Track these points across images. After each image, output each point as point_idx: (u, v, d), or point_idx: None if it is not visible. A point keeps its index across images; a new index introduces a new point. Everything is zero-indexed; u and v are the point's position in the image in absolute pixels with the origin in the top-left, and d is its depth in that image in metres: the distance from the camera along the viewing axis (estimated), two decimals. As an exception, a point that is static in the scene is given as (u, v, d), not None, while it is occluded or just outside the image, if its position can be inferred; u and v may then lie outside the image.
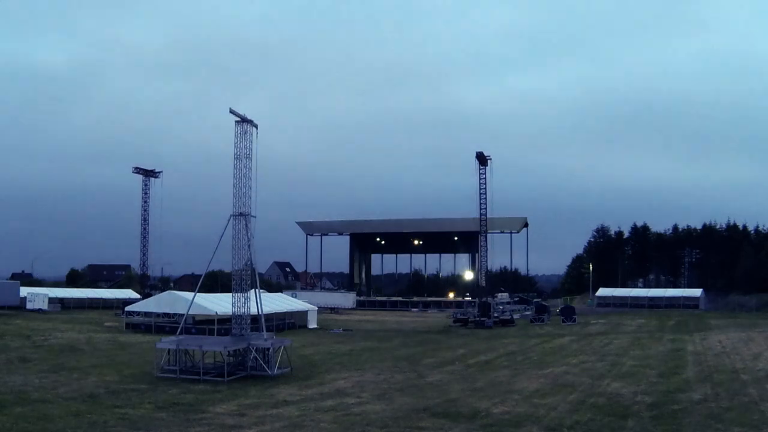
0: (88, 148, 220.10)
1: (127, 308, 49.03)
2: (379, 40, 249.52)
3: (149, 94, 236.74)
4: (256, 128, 26.19)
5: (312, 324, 52.77)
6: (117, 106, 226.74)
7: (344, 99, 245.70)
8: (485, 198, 58.53)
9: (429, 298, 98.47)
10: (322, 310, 64.27)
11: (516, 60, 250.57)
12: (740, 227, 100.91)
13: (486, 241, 60.93)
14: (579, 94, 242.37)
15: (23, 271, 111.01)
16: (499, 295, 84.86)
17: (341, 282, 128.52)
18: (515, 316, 62.33)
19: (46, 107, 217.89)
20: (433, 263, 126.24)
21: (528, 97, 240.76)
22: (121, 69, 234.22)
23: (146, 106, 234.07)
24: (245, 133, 25.73)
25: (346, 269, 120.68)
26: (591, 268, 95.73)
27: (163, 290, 68.77)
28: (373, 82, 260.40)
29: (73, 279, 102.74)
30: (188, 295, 42.08)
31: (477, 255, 72.60)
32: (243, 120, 25.78)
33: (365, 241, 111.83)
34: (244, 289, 25.99)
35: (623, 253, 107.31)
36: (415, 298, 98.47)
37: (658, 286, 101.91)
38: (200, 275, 40.16)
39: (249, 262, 26.23)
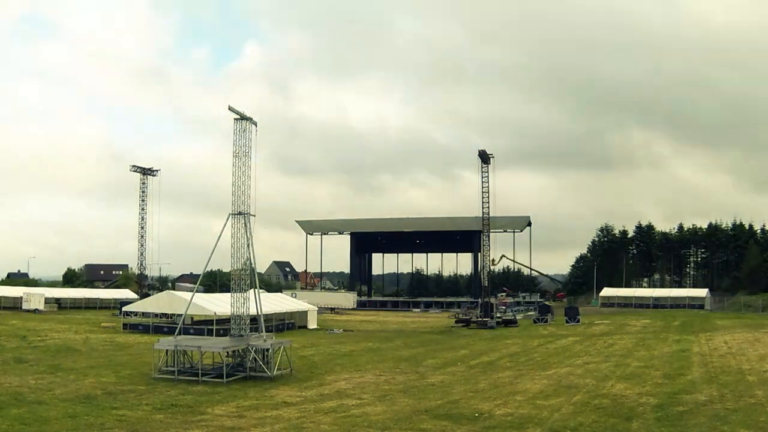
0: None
1: (124, 308, 48.78)
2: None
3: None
4: (256, 126, 25.88)
5: (312, 324, 52.55)
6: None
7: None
8: (488, 196, 58.29)
9: (431, 298, 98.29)
10: (322, 310, 64.09)
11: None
12: (746, 226, 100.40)
13: (489, 240, 60.65)
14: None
15: (19, 271, 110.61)
16: (501, 295, 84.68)
17: (342, 282, 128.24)
18: (517, 317, 62.16)
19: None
20: (434, 263, 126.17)
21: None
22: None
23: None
24: (244, 130, 25.41)
25: (346, 269, 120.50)
26: (595, 267, 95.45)
27: (161, 290, 68.60)
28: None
29: (70, 279, 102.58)
30: (186, 295, 41.91)
31: (479, 254, 72.25)
32: (242, 117, 25.46)
33: (366, 240, 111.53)
34: (243, 289, 25.71)
35: (628, 252, 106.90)
36: (417, 298, 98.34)
37: (663, 286, 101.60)
38: (198, 275, 39.95)
39: (248, 262, 25.94)
